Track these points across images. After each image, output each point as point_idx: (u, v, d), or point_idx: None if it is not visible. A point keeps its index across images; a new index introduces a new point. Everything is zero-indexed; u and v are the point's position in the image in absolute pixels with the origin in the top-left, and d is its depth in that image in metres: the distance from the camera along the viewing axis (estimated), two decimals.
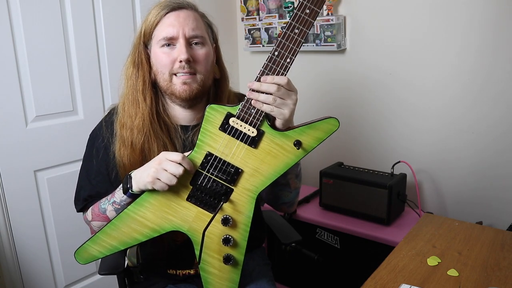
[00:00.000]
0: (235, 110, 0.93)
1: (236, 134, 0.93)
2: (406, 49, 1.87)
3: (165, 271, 1.16)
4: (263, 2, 2.19)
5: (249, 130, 0.92)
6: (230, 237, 0.96)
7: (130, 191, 0.97)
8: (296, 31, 0.90)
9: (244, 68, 2.48)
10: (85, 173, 1.15)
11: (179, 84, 1.03)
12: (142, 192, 0.96)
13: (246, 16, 2.28)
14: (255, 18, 2.24)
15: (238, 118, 0.93)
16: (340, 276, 1.79)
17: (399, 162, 1.82)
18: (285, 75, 0.91)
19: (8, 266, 1.64)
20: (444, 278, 0.97)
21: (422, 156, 1.91)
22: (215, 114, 0.94)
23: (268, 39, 2.22)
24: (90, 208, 1.11)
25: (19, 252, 1.67)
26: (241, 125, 0.93)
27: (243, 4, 2.27)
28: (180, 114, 1.11)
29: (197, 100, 1.09)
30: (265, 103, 0.90)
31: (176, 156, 0.92)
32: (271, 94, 0.90)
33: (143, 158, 1.05)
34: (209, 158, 0.95)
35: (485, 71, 1.70)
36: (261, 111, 0.91)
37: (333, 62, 2.07)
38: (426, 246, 1.12)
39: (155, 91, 1.09)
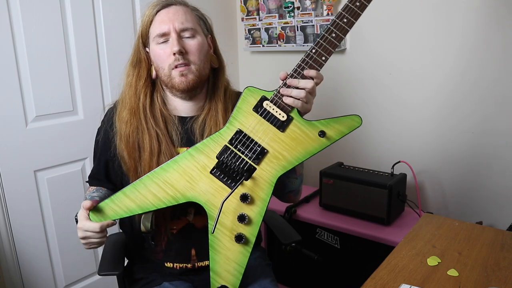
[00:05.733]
0: (270, 94, 1.00)
1: (268, 116, 0.99)
2: (406, 49, 1.87)
3: (162, 265, 1.16)
4: (263, 2, 2.19)
5: (280, 114, 0.98)
6: (245, 215, 0.98)
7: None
8: (334, 35, 0.99)
9: (244, 68, 2.49)
10: (94, 154, 1.24)
11: (177, 76, 1.08)
12: None
13: (246, 16, 2.28)
14: (255, 18, 2.24)
15: (272, 102, 1.00)
16: (340, 276, 1.79)
17: (399, 162, 1.82)
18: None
19: (8, 266, 1.64)
20: (444, 278, 0.97)
21: (422, 156, 1.91)
22: (251, 95, 1.01)
23: (268, 39, 2.22)
24: (87, 188, 1.24)
25: (19, 252, 1.67)
26: (273, 109, 0.99)
27: (243, 4, 2.28)
28: (180, 106, 1.15)
29: (197, 91, 1.13)
30: (296, 99, 0.97)
31: (94, 227, 0.96)
32: (305, 89, 0.97)
33: (135, 149, 1.10)
34: (238, 135, 1.00)
35: (485, 71, 1.69)
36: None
37: (333, 62, 2.06)
38: (426, 246, 1.12)
39: (152, 88, 1.14)
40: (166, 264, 1.16)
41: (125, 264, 1.24)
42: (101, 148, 1.19)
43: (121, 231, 1.32)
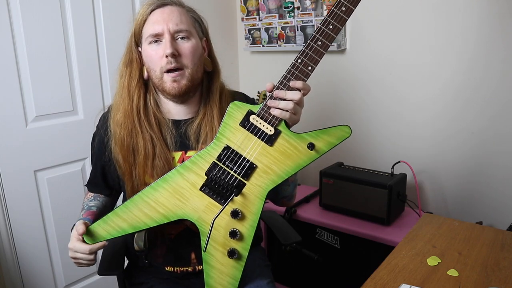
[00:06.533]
0: (256, 108, 0.99)
1: (255, 131, 0.98)
2: (406, 49, 1.87)
3: (163, 269, 1.16)
4: (263, 2, 2.19)
5: (267, 128, 0.97)
6: (237, 230, 0.98)
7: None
8: (319, 43, 0.96)
9: (244, 68, 2.49)
10: (91, 160, 1.24)
11: (169, 81, 1.06)
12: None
13: (246, 16, 2.28)
14: (255, 18, 2.24)
15: (258, 116, 0.98)
16: (340, 276, 1.79)
17: (399, 162, 1.82)
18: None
19: (8, 266, 1.64)
20: (444, 278, 0.97)
21: (422, 156, 1.91)
22: (237, 110, 0.99)
23: (268, 39, 2.22)
24: (85, 195, 1.24)
25: (19, 252, 1.67)
26: (260, 123, 0.98)
27: (243, 4, 2.28)
28: (173, 109, 1.13)
29: (189, 95, 1.11)
30: (283, 111, 0.96)
31: (83, 249, 0.97)
32: (293, 101, 0.95)
33: (130, 152, 1.08)
34: (226, 151, 0.99)
35: (485, 71, 1.69)
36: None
37: (333, 62, 2.07)
38: (426, 246, 1.12)
39: (145, 89, 1.12)
40: (166, 268, 1.16)
41: (126, 265, 1.24)
42: (97, 154, 1.18)
43: None
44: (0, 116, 1.55)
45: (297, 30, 2.08)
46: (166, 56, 1.03)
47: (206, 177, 0.99)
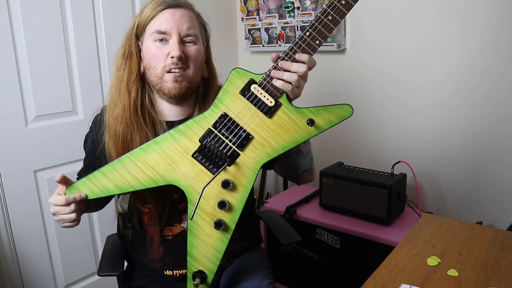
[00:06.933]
0: (258, 77, 0.95)
1: (255, 101, 0.95)
2: (406, 49, 1.87)
3: (161, 273, 1.16)
4: (263, 2, 2.19)
5: (267, 99, 0.94)
6: (226, 201, 0.96)
7: None
8: (330, 17, 0.92)
9: (244, 68, 2.48)
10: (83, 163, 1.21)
11: (170, 81, 1.04)
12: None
13: (246, 16, 2.28)
14: (255, 18, 2.24)
15: (260, 86, 0.95)
16: (340, 276, 1.79)
17: (399, 162, 1.82)
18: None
19: (8, 266, 1.64)
20: (444, 278, 0.97)
21: (422, 156, 1.91)
22: (238, 77, 0.96)
23: (268, 39, 2.22)
24: None
25: (19, 252, 1.67)
26: (261, 93, 0.95)
27: (243, 4, 2.27)
28: (167, 110, 1.12)
29: (185, 98, 1.10)
30: (286, 82, 0.93)
31: (60, 200, 0.93)
32: (297, 73, 0.92)
33: (125, 148, 1.06)
34: (223, 118, 0.96)
35: (486, 71, 1.69)
36: None
37: (333, 62, 2.07)
38: (426, 246, 1.12)
39: (142, 84, 1.10)
40: (165, 272, 1.15)
41: (125, 267, 1.24)
42: (90, 156, 1.16)
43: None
44: (0, 116, 1.55)
45: (297, 30, 2.08)
46: (172, 57, 1.02)
47: (199, 144, 0.96)
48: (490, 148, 1.74)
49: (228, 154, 0.96)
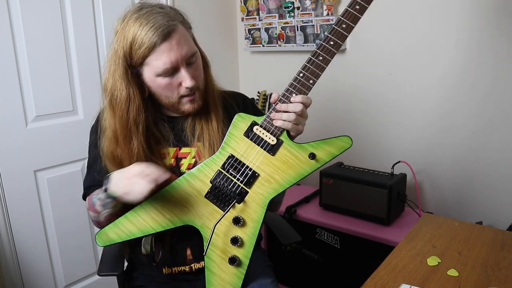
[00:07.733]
0: (260, 119, 1.02)
1: (258, 140, 1.02)
2: (406, 49, 1.87)
3: (160, 271, 1.16)
4: (263, 2, 2.19)
5: (269, 138, 1.01)
6: (238, 237, 1.00)
7: (106, 191, 0.98)
8: (321, 58, 1.00)
9: (244, 68, 2.48)
10: (88, 163, 1.21)
11: (187, 104, 1.07)
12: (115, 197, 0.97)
13: (246, 16, 2.28)
14: (255, 18, 2.24)
15: (261, 126, 1.02)
16: (340, 276, 1.79)
17: (399, 162, 1.82)
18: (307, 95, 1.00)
19: (8, 266, 1.64)
20: (444, 278, 0.97)
21: (422, 156, 1.91)
22: (242, 121, 1.03)
23: (268, 39, 2.22)
24: (88, 197, 1.11)
25: (19, 252, 1.67)
26: (263, 133, 1.01)
27: (243, 4, 2.27)
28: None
29: None
30: (286, 121, 0.99)
31: (157, 173, 0.93)
32: (295, 113, 0.98)
33: (119, 166, 1.05)
34: (230, 159, 1.02)
35: (485, 71, 1.69)
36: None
37: (333, 62, 2.05)
38: (426, 246, 1.12)
39: (144, 106, 1.06)
40: (164, 271, 1.15)
41: (125, 267, 1.24)
42: (94, 154, 1.16)
43: None
44: (0, 116, 1.55)
45: (297, 30, 2.08)
46: (187, 87, 1.02)
47: (211, 185, 1.02)
48: (490, 148, 1.74)
49: (237, 192, 1.02)
